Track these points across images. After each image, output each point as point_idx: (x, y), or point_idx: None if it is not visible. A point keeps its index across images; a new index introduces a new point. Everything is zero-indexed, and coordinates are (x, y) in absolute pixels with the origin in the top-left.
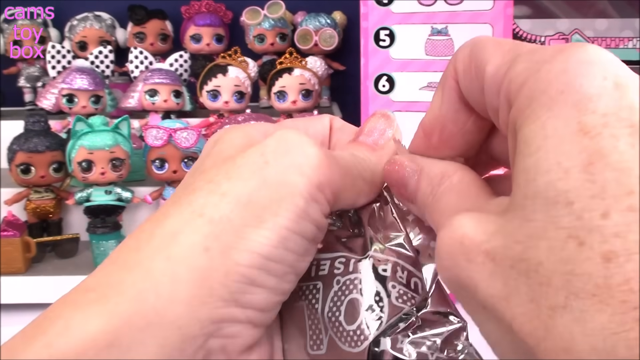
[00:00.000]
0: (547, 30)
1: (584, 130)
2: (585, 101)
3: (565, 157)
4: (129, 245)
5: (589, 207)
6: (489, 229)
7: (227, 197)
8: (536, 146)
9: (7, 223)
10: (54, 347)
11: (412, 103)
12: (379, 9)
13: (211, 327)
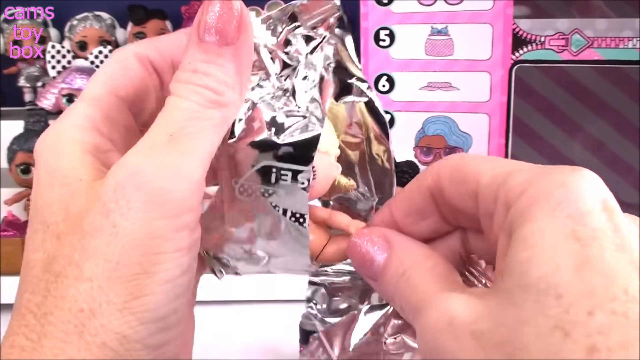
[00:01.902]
0: (547, 30)
1: (577, 237)
2: (579, 215)
3: (559, 256)
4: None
5: (577, 303)
6: (476, 310)
7: (94, 281)
8: (532, 243)
9: (7, 223)
10: None
11: (412, 103)
12: (379, 9)
13: None
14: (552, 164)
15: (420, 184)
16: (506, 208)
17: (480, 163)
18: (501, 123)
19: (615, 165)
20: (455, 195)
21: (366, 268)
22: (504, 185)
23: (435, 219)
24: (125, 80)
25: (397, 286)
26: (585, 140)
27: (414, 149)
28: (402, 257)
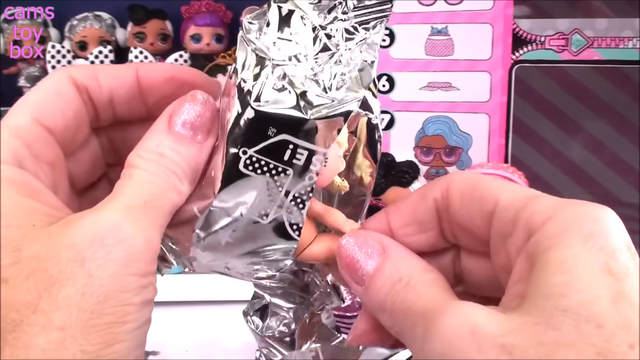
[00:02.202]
0: (547, 30)
1: (611, 272)
2: (610, 250)
3: (596, 286)
4: None
5: (618, 335)
6: (504, 324)
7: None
8: (568, 268)
9: None
10: None
11: (412, 103)
12: None
13: None
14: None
15: (427, 194)
16: (527, 231)
17: (497, 185)
18: (501, 123)
19: (615, 165)
20: (465, 212)
21: (354, 271)
22: (526, 209)
23: (434, 233)
24: (56, 108)
25: (392, 292)
26: (585, 140)
27: (414, 149)
28: (397, 265)
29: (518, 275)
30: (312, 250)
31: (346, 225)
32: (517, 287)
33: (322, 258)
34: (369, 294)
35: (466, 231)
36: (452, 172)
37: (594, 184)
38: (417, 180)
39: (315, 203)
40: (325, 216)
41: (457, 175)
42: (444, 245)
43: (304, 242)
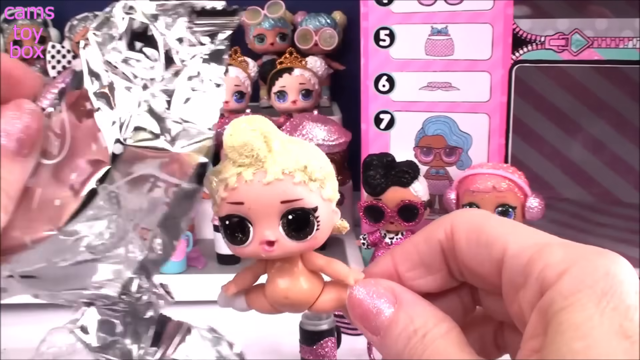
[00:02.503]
0: (547, 30)
1: (626, 335)
2: (624, 309)
3: (612, 353)
4: None
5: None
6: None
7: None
8: (584, 333)
9: None
10: None
11: (412, 103)
12: (379, 9)
13: None
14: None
15: (431, 236)
16: (540, 286)
17: (504, 228)
18: (501, 123)
19: (615, 165)
20: (473, 257)
21: (368, 321)
22: (538, 261)
23: (443, 274)
24: None
25: (409, 345)
26: (585, 140)
27: (414, 149)
28: (411, 314)
29: (533, 330)
30: (323, 302)
31: (350, 276)
32: (532, 343)
33: (334, 309)
34: (386, 344)
35: (474, 273)
36: (454, 211)
37: (594, 184)
38: (417, 180)
39: (316, 257)
40: (327, 269)
41: (462, 215)
42: (453, 285)
43: (313, 295)
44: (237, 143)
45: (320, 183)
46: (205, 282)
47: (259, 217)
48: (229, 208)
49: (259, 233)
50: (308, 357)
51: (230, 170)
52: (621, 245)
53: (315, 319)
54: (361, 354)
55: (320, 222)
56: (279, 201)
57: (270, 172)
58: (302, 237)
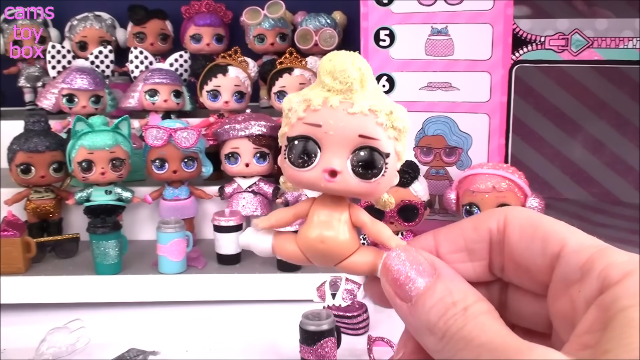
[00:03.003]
0: (547, 30)
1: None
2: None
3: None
4: None
5: None
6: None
7: None
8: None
9: (7, 223)
10: None
11: (412, 103)
12: (379, 9)
13: None
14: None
15: (481, 224)
16: (602, 283)
17: (562, 226)
18: (501, 123)
19: (615, 165)
20: (524, 249)
21: (401, 286)
22: (600, 260)
23: (483, 264)
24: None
25: (446, 315)
26: (585, 140)
27: (414, 149)
28: (450, 287)
29: (588, 326)
30: (355, 261)
31: (392, 240)
32: (587, 338)
33: (363, 271)
34: (416, 312)
35: (521, 268)
36: (507, 206)
37: (594, 184)
38: (417, 180)
39: (362, 212)
40: (371, 227)
41: (516, 210)
42: (489, 279)
43: (349, 249)
44: (336, 67)
45: (398, 134)
46: (205, 282)
47: (331, 143)
48: (303, 128)
49: (325, 160)
50: (308, 357)
51: (317, 93)
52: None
53: (315, 319)
54: (361, 354)
55: (387, 170)
56: (358, 134)
57: (358, 104)
58: (367, 177)
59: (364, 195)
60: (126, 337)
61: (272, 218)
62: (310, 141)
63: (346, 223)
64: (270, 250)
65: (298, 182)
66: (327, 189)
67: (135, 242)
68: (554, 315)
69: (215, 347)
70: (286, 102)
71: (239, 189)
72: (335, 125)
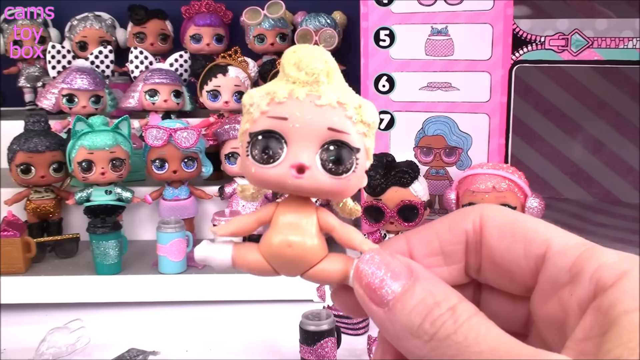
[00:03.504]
0: (547, 30)
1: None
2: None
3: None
4: None
5: None
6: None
7: None
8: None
9: (7, 223)
10: None
11: (412, 103)
12: (379, 9)
13: None
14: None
15: (456, 225)
16: (595, 285)
17: (544, 225)
18: (501, 123)
19: (615, 165)
20: (505, 251)
21: (376, 291)
22: (590, 260)
23: (459, 267)
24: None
25: (431, 316)
26: (585, 140)
27: (414, 149)
28: (430, 288)
29: (587, 331)
30: (324, 269)
31: (364, 244)
32: (586, 345)
33: (333, 279)
34: (394, 317)
35: (501, 270)
36: (480, 204)
37: (594, 184)
38: (417, 181)
39: (330, 216)
40: (341, 231)
41: (491, 209)
42: (464, 281)
43: (317, 255)
44: (301, 58)
45: (367, 129)
46: (205, 282)
47: (298, 137)
48: (267, 122)
49: (293, 154)
50: (308, 357)
51: (281, 85)
52: (621, 245)
53: (315, 319)
54: (361, 354)
55: (358, 166)
56: (327, 126)
57: (326, 96)
58: (338, 173)
59: (334, 193)
60: (126, 337)
61: (231, 225)
62: (275, 135)
63: (314, 226)
64: (230, 262)
65: (262, 180)
66: (294, 186)
67: (135, 242)
68: (539, 318)
69: (215, 347)
70: (247, 97)
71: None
72: (303, 118)
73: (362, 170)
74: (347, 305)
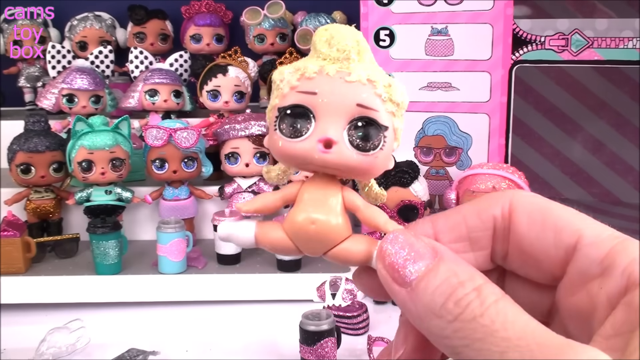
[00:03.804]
0: (547, 30)
1: None
2: None
3: None
4: None
5: None
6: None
7: None
8: None
9: (7, 223)
10: None
11: (412, 103)
12: (379, 9)
13: None
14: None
15: (484, 210)
16: (627, 280)
17: (575, 215)
18: (501, 123)
19: (615, 165)
20: (535, 239)
21: (399, 271)
22: (622, 254)
23: (485, 253)
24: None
25: (455, 296)
26: (585, 140)
27: (414, 149)
28: (454, 269)
29: (617, 327)
30: (347, 248)
31: (389, 224)
32: (616, 341)
33: (357, 259)
34: (417, 297)
35: (529, 258)
36: (510, 190)
37: (594, 184)
38: (417, 180)
39: (356, 195)
40: (365, 211)
41: (521, 195)
42: (489, 267)
43: (341, 234)
44: (333, 35)
45: (396, 108)
46: (205, 282)
47: (327, 112)
48: (296, 97)
49: (320, 129)
50: (308, 357)
51: (312, 62)
52: None
53: (315, 319)
54: (361, 354)
55: (385, 144)
56: (356, 102)
57: (356, 73)
58: (366, 149)
59: (360, 170)
60: (126, 337)
61: (256, 202)
62: (304, 110)
63: (339, 205)
64: (253, 239)
65: (289, 154)
66: (321, 161)
67: (135, 242)
68: (565, 308)
69: (215, 347)
70: (277, 74)
71: (239, 189)
72: (332, 93)
73: (390, 150)
74: (369, 287)
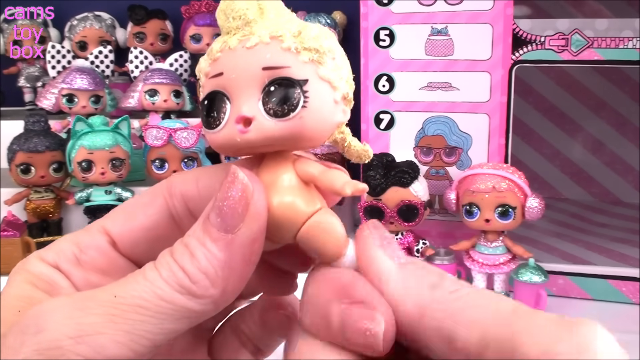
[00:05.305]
0: (547, 30)
1: None
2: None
3: None
4: None
5: None
6: None
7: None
8: None
9: (7, 223)
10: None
11: (412, 103)
12: (379, 9)
13: None
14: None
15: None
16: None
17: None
18: (501, 123)
19: (615, 165)
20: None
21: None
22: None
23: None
24: (146, 221)
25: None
26: (585, 140)
27: (414, 149)
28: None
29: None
30: (315, 227)
31: (347, 187)
32: None
33: (328, 244)
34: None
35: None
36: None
37: (594, 184)
38: (417, 180)
39: (308, 164)
40: (322, 179)
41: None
42: None
43: (297, 216)
44: (228, 4)
45: (318, 56)
46: None
47: (238, 89)
48: (210, 84)
49: (235, 109)
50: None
51: (217, 41)
52: (621, 245)
53: None
54: None
55: (308, 99)
56: (261, 67)
57: (256, 35)
58: (283, 114)
59: (288, 139)
60: None
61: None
62: (217, 95)
63: (292, 180)
64: None
65: (217, 146)
66: (244, 143)
67: None
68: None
69: None
70: (197, 68)
71: None
72: (236, 66)
73: (323, 101)
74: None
